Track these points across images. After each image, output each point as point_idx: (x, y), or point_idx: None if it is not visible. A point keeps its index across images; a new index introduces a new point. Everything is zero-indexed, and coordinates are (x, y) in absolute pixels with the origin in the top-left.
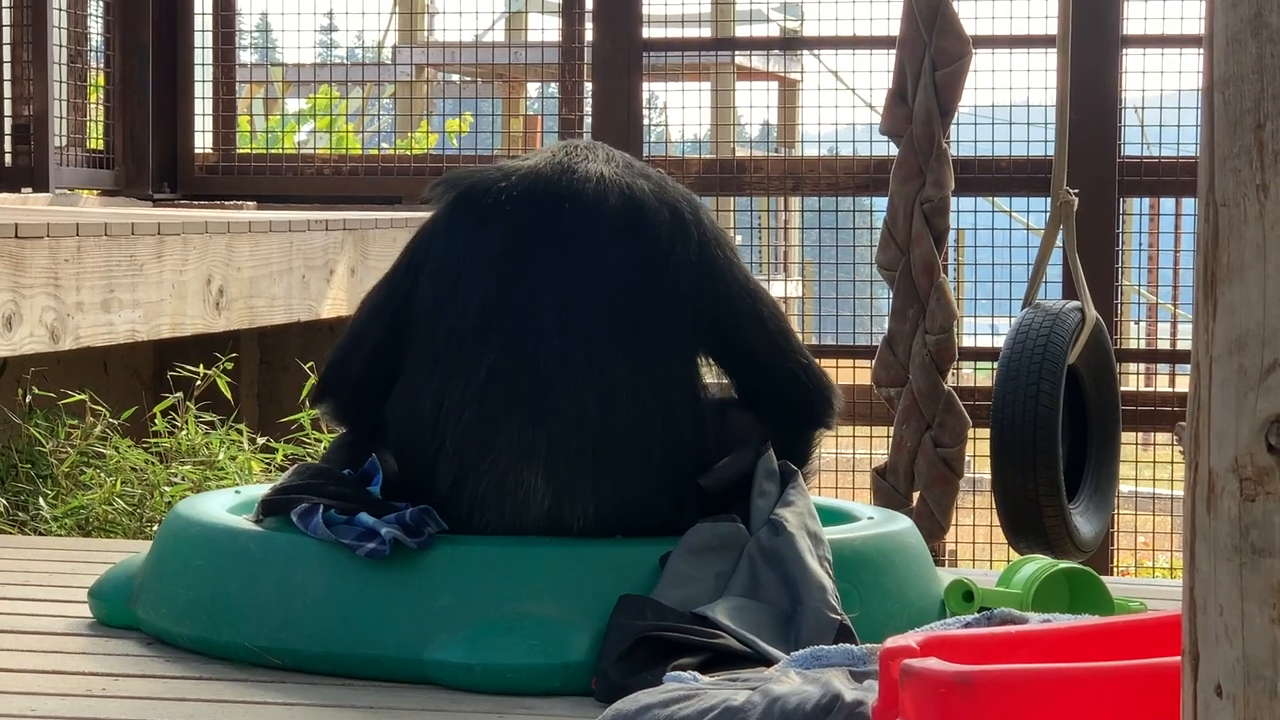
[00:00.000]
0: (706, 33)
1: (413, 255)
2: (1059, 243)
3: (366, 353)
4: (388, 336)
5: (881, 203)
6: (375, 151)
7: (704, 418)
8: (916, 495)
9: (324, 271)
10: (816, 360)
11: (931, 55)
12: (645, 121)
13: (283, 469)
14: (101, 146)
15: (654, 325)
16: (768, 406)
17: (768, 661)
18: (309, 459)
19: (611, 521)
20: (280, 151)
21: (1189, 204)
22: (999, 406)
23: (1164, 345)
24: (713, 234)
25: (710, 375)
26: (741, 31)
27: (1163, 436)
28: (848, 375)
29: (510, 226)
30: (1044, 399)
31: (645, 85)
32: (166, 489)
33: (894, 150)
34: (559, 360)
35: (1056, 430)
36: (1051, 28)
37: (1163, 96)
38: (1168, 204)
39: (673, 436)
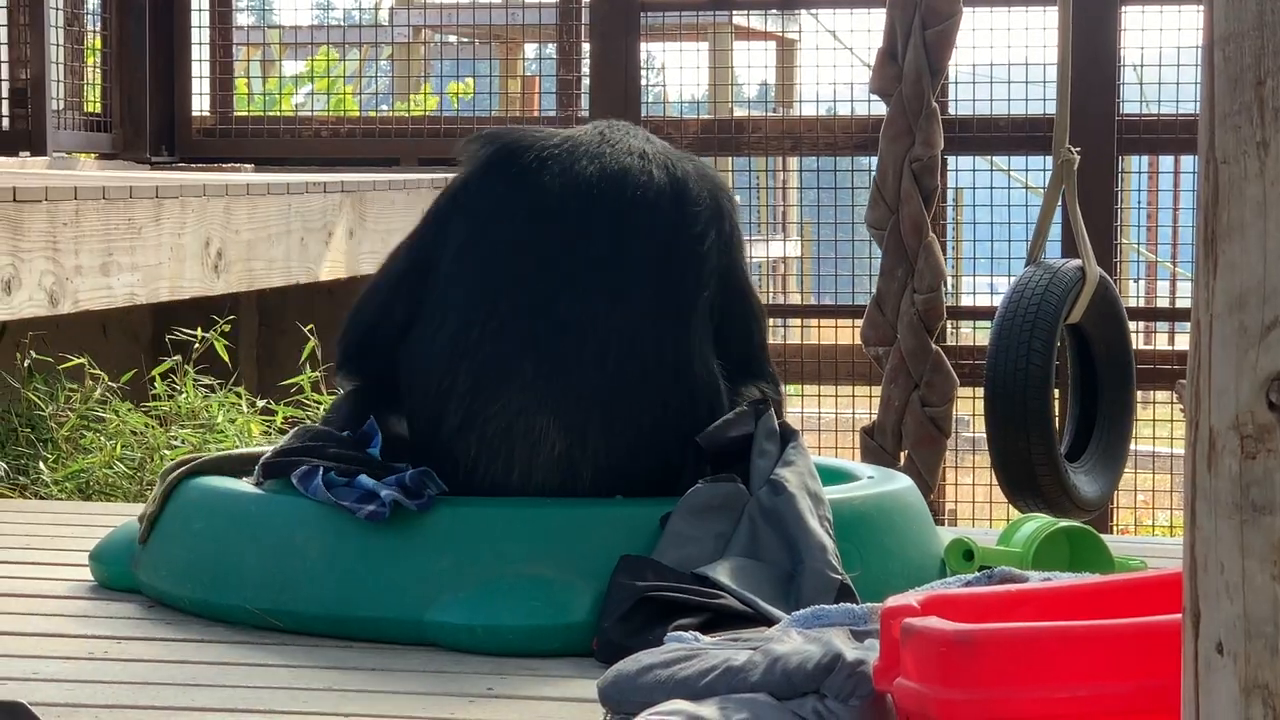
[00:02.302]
0: None
1: (440, 205)
2: (1061, 201)
3: (391, 302)
4: (414, 285)
5: None
6: (373, 114)
7: (719, 384)
8: (904, 454)
9: (322, 234)
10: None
11: (922, 14)
12: (643, 82)
13: (282, 431)
14: (99, 110)
15: (680, 292)
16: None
17: (768, 621)
18: (308, 421)
19: (621, 470)
20: (278, 114)
21: (1188, 162)
22: (991, 365)
23: (1163, 304)
24: (738, 230)
25: None
26: None
27: (1162, 395)
28: (845, 335)
29: (549, 182)
30: (1035, 357)
31: (643, 46)
32: (166, 452)
33: None
34: (581, 306)
35: (1049, 388)
36: None
37: (1161, 54)
38: (1167, 162)
39: (687, 393)
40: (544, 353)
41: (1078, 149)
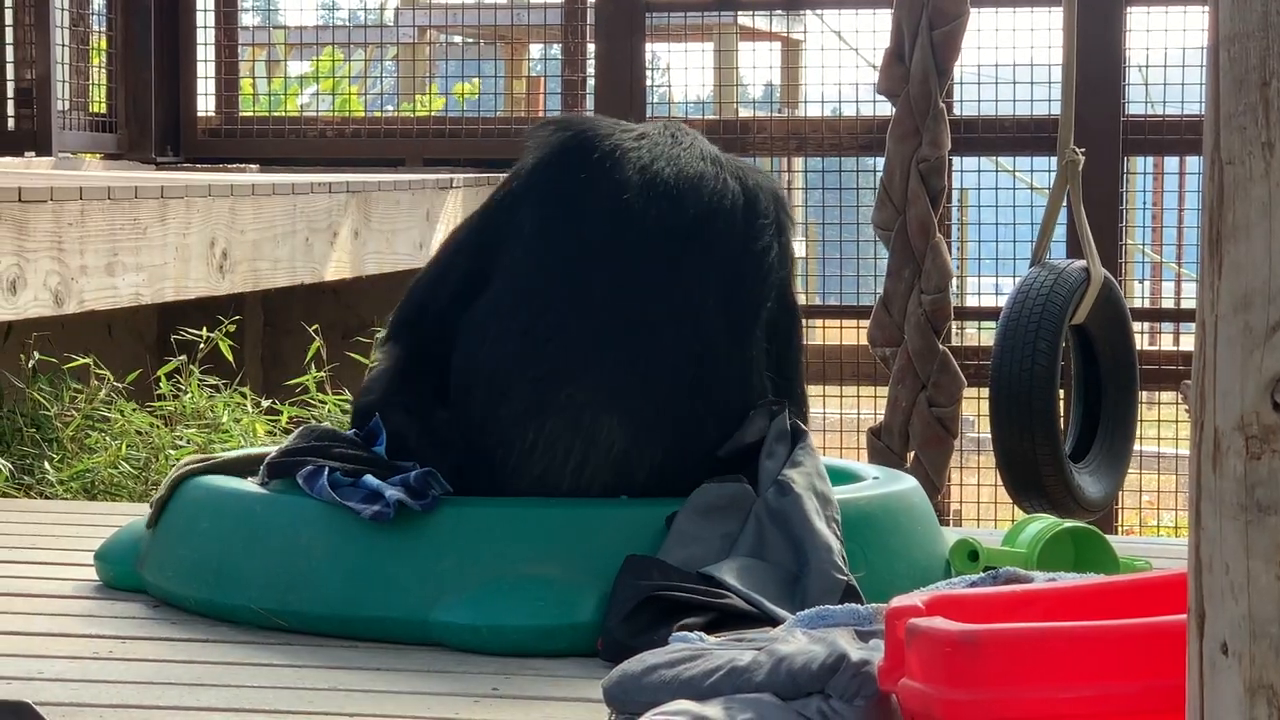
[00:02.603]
0: None
1: (509, 190)
2: (1065, 201)
3: (449, 280)
4: (475, 268)
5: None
6: (378, 114)
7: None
8: (911, 455)
9: (327, 234)
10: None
11: (929, 14)
12: (648, 83)
13: (287, 432)
14: (104, 110)
15: (747, 304)
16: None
17: (773, 621)
18: (313, 421)
19: (674, 476)
20: (283, 114)
21: (1193, 162)
22: (996, 365)
23: (1168, 304)
24: (793, 245)
25: None
26: None
27: (1167, 395)
28: (851, 335)
29: (628, 178)
30: (1040, 358)
31: (648, 46)
32: (171, 452)
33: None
34: (659, 309)
35: (1054, 389)
36: None
37: (1167, 54)
38: (1171, 163)
39: (745, 406)
40: (620, 351)
41: (1082, 149)
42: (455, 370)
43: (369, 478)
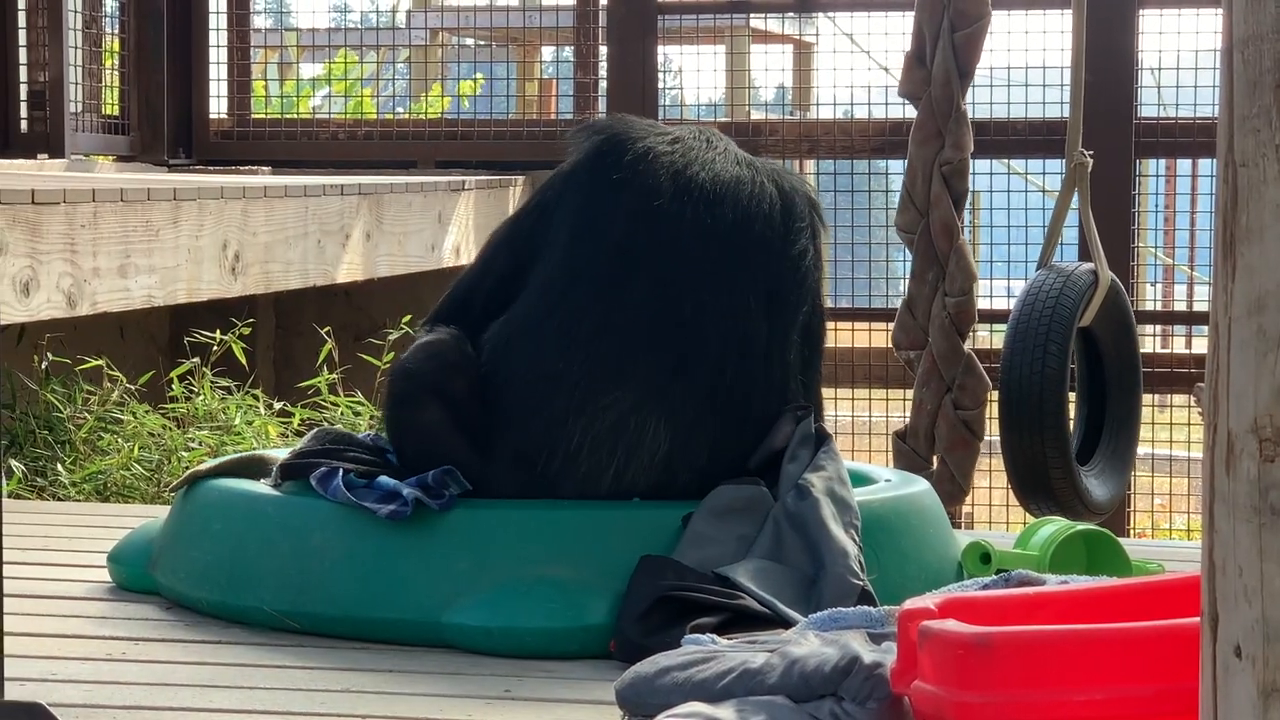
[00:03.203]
0: None
1: (546, 194)
2: (1074, 204)
3: (491, 284)
4: (510, 271)
5: (897, 165)
6: (390, 116)
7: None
8: (936, 458)
9: (340, 236)
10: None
11: (950, 17)
12: (660, 85)
13: (300, 434)
14: (117, 112)
15: (786, 308)
16: None
17: (786, 623)
18: (326, 423)
19: (715, 480)
20: (295, 116)
21: (1205, 165)
22: (1007, 368)
23: (1180, 307)
24: (824, 250)
25: None
26: None
27: (1179, 398)
28: (863, 338)
29: (664, 183)
30: (1051, 360)
31: (660, 49)
32: (184, 454)
33: (909, 113)
34: (701, 313)
35: (1064, 391)
36: None
37: (1179, 57)
38: (1184, 165)
39: (774, 405)
40: (663, 354)
41: (1090, 152)
42: (491, 373)
43: (384, 478)
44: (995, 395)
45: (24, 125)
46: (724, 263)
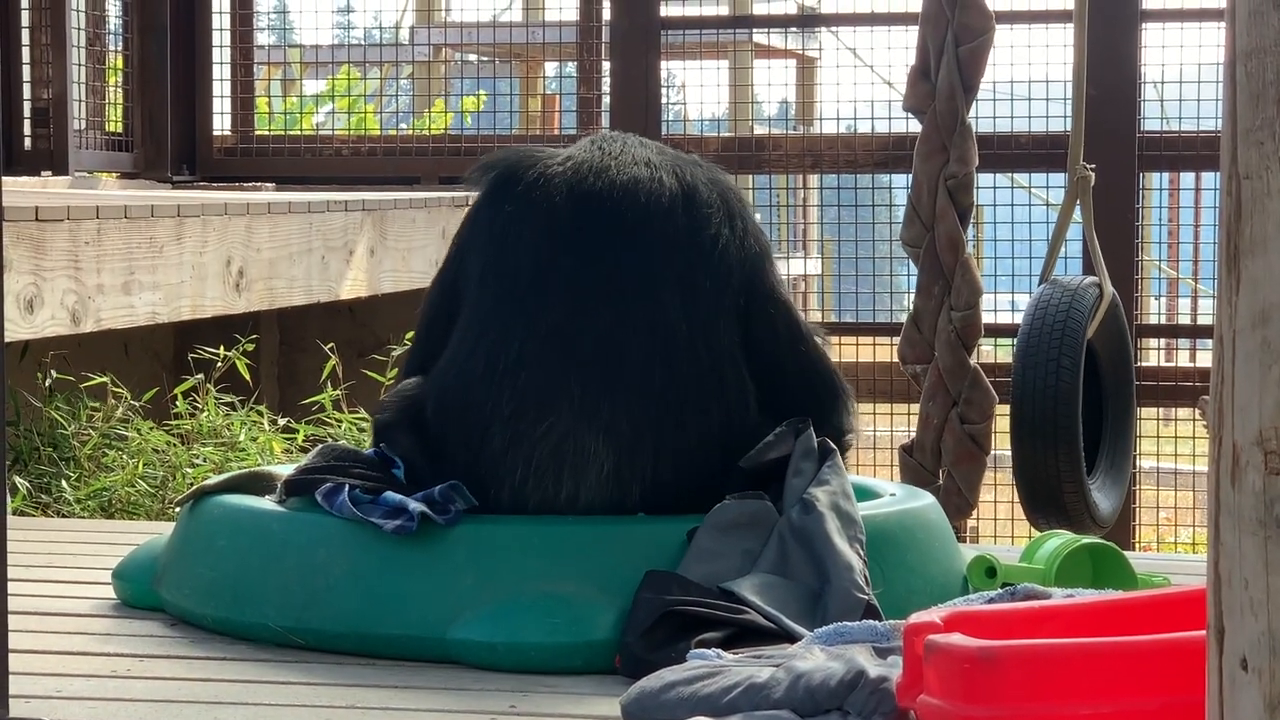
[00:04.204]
0: (724, 10)
1: (457, 240)
2: (1076, 218)
3: (437, 335)
4: (447, 319)
5: (900, 180)
6: (394, 132)
7: (749, 391)
8: (943, 473)
9: (343, 252)
10: (834, 364)
11: (954, 31)
12: (663, 100)
13: (304, 450)
14: (120, 129)
15: (704, 298)
16: (786, 408)
17: (792, 638)
18: (330, 439)
19: (670, 486)
20: (299, 133)
21: (1209, 179)
22: (1019, 382)
23: (1184, 320)
24: (755, 230)
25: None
26: (759, 9)
27: (1184, 412)
28: (867, 353)
29: (556, 198)
30: (1064, 374)
31: (663, 64)
32: (188, 470)
33: (913, 127)
34: (618, 321)
35: (1077, 405)
36: (1069, 2)
37: (1182, 70)
38: (1188, 179)
39: (725, 405)
40: (590, 371)
41: (1092, 166)
42: (430, 416)
43: (390, 494)
44: (1001, 410)
45: (28, 142)
46: (634, 266)
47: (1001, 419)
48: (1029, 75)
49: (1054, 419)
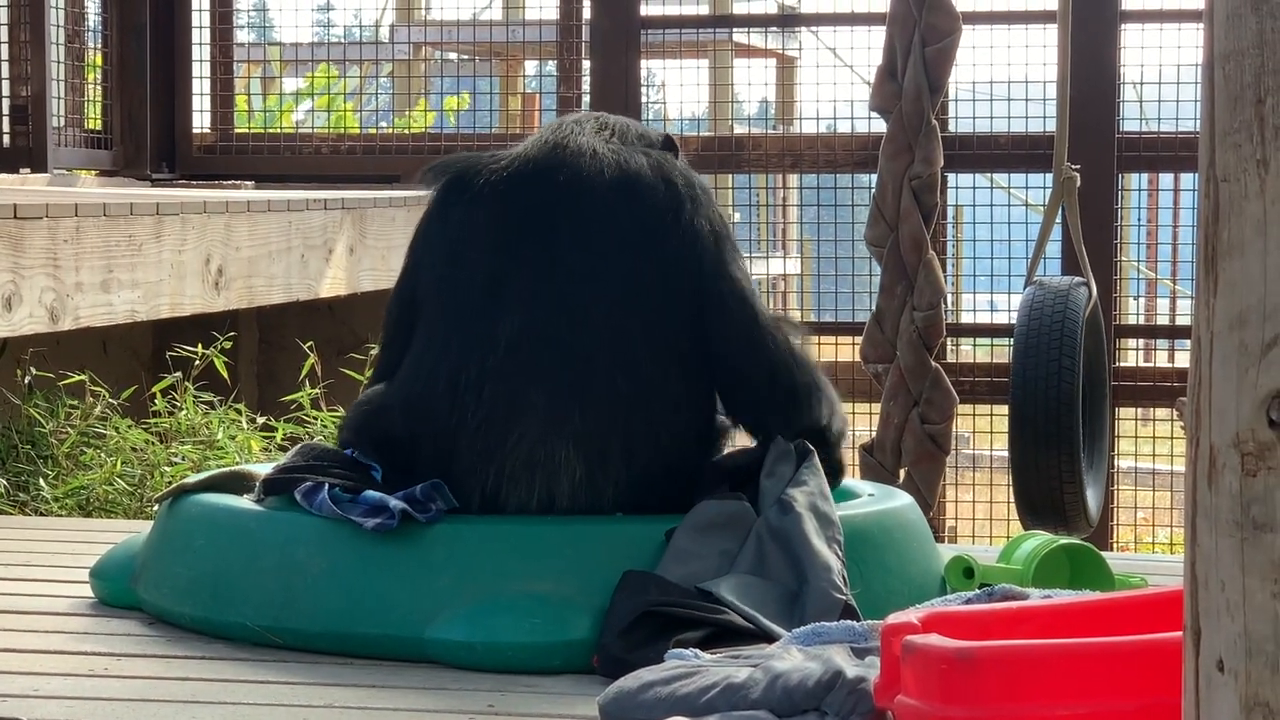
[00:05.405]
0: (704, 10)
1: (411, 251)
2: (1060, 219)
3: (396, 354)
4: (407, 334)
5: None
6: (373, 130)
7: (706, 380)
8: (903, 472)
9: (323, 250)
10: (809, 351)
11: (921, 31)
12: (643, 99)
13: (283, 448)
14: (99, 127)
15: (657, 292)
16: (748, 404)
17: (770, 638)
18: (309, 438)
19: (643, 486)
20: (278, 131)
21: (1187, 179)
22: (1020, 385)
23: (1163, 321)
24: (705, 214)
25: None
26: (739, 9)
27: (1161, 412)
28: (846, 352)
29: (504, 202)
30: (1065, 375)
31: (643, 63)
32: (167, 469)
33: None
34: (577, 327)
35: (1078, 406)
36: (1049, 3)
37: (1161, 71)
38: (1166, 180)
39: (692, 401)
40: (554, 378)
41: (1077, 166)
42: (398, 432)
43: (370, 492)
44: (972, 409)
45: (6, 139)
46: (584, 268)
47: (979, 419)
48: (1008, 76)
49: (1056, 420)
